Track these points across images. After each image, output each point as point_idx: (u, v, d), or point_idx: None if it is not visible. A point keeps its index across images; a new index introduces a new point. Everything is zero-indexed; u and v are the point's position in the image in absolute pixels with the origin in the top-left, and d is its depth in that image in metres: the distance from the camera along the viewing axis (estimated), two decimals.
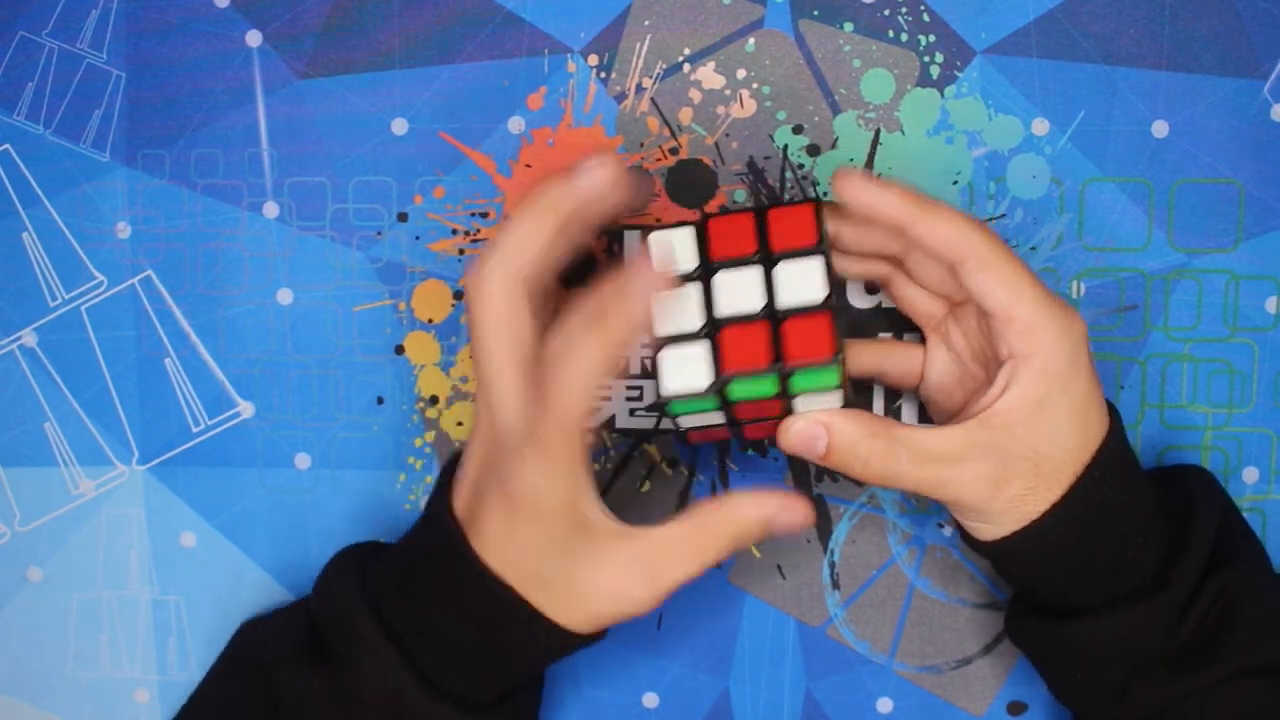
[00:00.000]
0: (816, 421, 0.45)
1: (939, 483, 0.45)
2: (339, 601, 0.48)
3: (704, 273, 0.45)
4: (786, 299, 0.44)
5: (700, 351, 0.44)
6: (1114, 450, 0.46)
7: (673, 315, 0.44)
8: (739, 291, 0.44)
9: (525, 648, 0.46)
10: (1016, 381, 0.45)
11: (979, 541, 0.48)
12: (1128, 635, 0.47)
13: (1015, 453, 0.45)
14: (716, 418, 0.47)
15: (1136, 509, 0.47)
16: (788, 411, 0.46)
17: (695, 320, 0.44)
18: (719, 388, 0.44)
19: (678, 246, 0.45)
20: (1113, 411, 0.48)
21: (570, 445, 0.43)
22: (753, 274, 0.44)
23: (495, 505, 0.44)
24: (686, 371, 0.44)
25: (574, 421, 0.43)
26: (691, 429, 0.49)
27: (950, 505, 0.47)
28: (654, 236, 0.45)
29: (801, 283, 0.44)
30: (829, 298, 0.44)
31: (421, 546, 0.48)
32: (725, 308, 0.44)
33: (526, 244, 0.42)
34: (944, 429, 0.45)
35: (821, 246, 0.44)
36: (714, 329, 0.44)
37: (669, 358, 0.44)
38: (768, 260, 0.44)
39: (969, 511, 0.47)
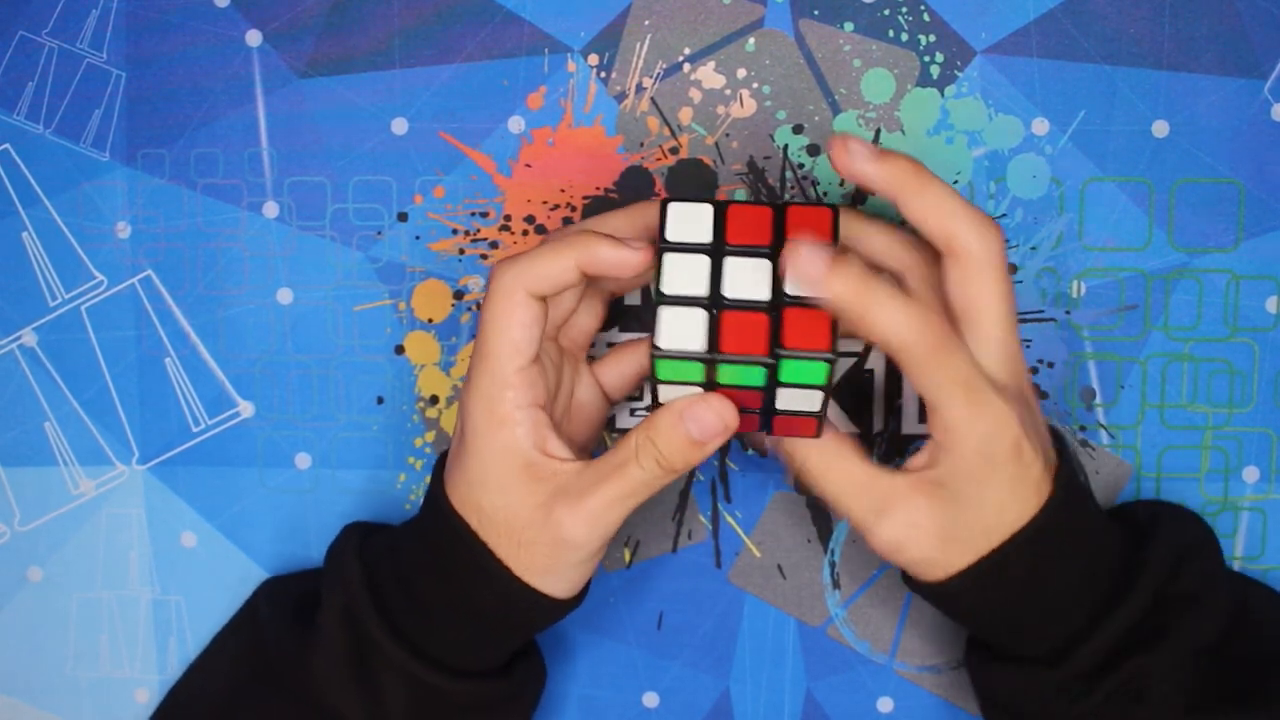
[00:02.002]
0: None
1: (859, 526, 0.46)
2: (334, 555, 0.51)
3: (714, 252, 0.45)
4: (792, 288, 0.44)
5: (701, 317, 0.44)
6: (1040, 532, 0.45)
7: (682, 278, 0.44)
8: (748, 279, 0.44)
9: (498, 608, 0.48)
10: (935, 464, 0.45)
11: (902, 574, 0.49)
12: (1023, 696, 0.48)
13: (923, 525, 0.45)
14: (695, 393, 0.47)
15: (1054, 587, 0.47)
16: (769, 405, 0.46)
17: (702, 288, 0.44)
18: (710, 362, 0.44)
19: (696, 220, 0.45)
20: (1063, 482, 0.46)
21: (508, 380, 0.46)
22: (763, 265, 0.44)
23: (458, 449, 0.47)
24: (684, 331, 0.44)
25: (508, 354, 0.46)
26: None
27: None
28: (674, 205, 0.45)
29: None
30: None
31: (416, 520, 0.51)
32: (732, 291, 0.44)
33: (544, 267, 0.46)
34: (877, 473, 0.46)
35: (835, 247, 0.44)
36: (717, 305, 0.44)
37: (669, 314, 0.44)
38: (780, 254, 0.44)
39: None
